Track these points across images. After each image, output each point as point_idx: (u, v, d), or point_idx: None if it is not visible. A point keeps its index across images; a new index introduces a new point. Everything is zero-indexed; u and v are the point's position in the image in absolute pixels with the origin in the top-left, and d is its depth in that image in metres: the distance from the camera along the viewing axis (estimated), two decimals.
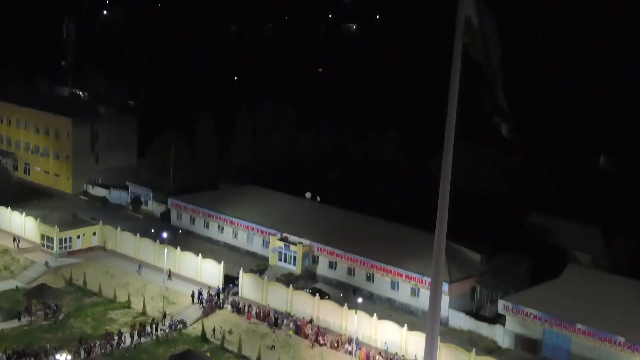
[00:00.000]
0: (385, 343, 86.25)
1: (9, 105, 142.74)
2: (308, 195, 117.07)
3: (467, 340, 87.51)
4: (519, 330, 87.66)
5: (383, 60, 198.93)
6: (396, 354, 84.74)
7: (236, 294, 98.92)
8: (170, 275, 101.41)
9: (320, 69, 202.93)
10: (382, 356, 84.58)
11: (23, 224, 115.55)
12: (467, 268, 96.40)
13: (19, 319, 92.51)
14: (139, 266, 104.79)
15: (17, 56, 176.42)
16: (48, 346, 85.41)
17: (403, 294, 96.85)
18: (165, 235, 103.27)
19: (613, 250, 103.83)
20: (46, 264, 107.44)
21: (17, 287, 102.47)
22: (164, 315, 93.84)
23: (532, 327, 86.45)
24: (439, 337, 69.05)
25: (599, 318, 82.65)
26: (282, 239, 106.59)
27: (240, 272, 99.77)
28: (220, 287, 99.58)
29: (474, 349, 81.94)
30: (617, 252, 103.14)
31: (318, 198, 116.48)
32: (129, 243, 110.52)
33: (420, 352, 68.00)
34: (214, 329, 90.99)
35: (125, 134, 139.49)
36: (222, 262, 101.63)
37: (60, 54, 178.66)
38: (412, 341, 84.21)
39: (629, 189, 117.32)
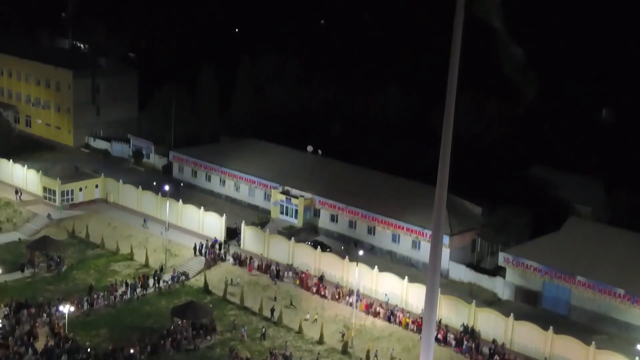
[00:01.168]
0: (386, 295, 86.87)
1: (10, 58, 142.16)
2: (310, 148, 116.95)
3: (467, 292, 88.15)
4: (519, 283, 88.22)
5: (386, 13, 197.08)
6: (397, 305, 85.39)
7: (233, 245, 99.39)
8: (167, 227, 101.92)
9: (322, 21, 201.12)
10: (382, 308, 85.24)
11: (25, 177, 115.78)
12: (467, 221, 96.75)
13: (22, 271, 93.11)
14: (145, 220, 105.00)
15: (17, 8, 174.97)
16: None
17: (404, 247, 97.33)
18: (167, 188, 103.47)
19: (614, 203, 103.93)
20: (48, 216, 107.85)
21: (19, 239, 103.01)
22: (161, 269, 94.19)
23: (532, 279, 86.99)
24: (439, 289, 69.87)
25: (599, 270, 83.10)
26: (283, 192, 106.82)
27: (242, 224, 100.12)
28: (217, 239, 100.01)
29: (474, 301, 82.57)
30: (618, 204, 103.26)
31: (320, 151, 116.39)
32: (131, 196, 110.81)
33: (421, 304, 68.50)
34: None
35: (126, 86, 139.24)
36: (224, 215, 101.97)
37: (60, 5, 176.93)
38: (413, 293, 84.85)
39: (631, 142, 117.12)
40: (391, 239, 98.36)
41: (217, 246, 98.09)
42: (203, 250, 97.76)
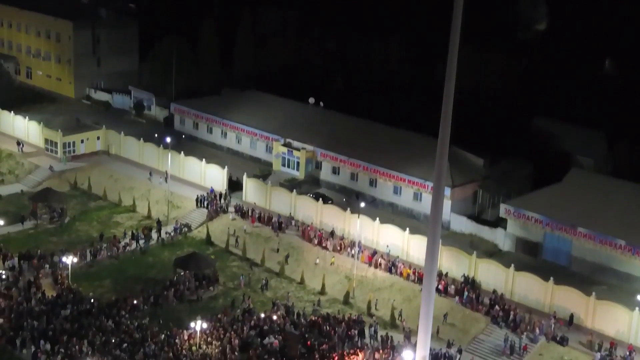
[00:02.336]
0: (388, 246, 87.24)
1: (10, 9, 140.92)
2: (311, 100, 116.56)
3: (468, 244, 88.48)
4: (520, 234, 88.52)
5: None
6: (398, 257, 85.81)
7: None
8: (167, 177, 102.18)
9: None
10: (384, 259, 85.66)
11: (26, 128, 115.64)
12: (469, 172, 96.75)
13: (22, 223, 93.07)
14: (150, 173, 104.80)
15: None
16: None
17: (405, 199, 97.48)
18: (168, 140, 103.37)
19: (616, 155, 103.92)
20: (50, 168, 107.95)
21: (22, 191, 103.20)
22: (158, 221, 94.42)
23: (533, 230, 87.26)
24: (440, 241, 70.01)
25: (600, 221, 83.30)
26: (285, 145, 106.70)
27: (244, 177, 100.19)
28: (213, 188, 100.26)
29: (474, 252, 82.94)
30: (620, 156, 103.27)
31: (321, 103, 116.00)
32: (132, 148, 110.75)
33: (422, 255, 68.68)
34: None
35: (126, 37, 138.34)
36: (226, 167, 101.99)
37: None
38: (414, 244, 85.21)
39: (634, 93, 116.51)
40: (393, 191, 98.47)
41: (218, 197, 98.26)
42: (205, 202, 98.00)
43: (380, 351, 69.48)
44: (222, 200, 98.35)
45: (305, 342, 70.56)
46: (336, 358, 67.99)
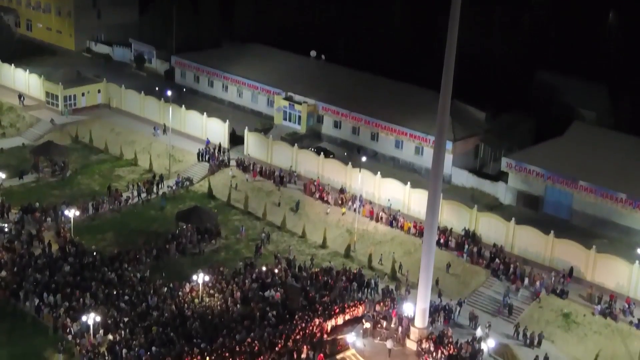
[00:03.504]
0: (389, 200, 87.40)
1: None
2: (313, 53, 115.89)
3: (469, 197, 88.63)
4: (521, 187, 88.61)
5: None
6: (399, 211, 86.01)
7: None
8: (165, 129, 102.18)
9: None
10: (385, 213, 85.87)
11: (27, 81, 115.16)
12: (471, 126, 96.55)
13: (20, 178, 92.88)
14: (154, 128, 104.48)
15: None
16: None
17: (407, 153, 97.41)
18: (169, 93, 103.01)
19: (618, 108, 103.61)
20: (52, 121, 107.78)
21: (23, 144, 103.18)
22: (156, 176, 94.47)
23: (534, 184, 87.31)
24: (441, 194, 70.10)
25: (601, 175, 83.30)
26: (286, 98, 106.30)
27: (245, 131, 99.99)
28: (209, 140, 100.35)
29: (475, 206, 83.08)
30: (622, 109, 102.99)
31: (323, 57, 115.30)
32: (133, 101, 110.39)
33: (423, 209, 68.96)
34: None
35: None
36: (227, 120, 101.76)
37: None
38: (415, 198, 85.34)
39: (636, 46, 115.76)
40: (394, 145, 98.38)
41: (217, 150, 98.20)
42: (207, 156, 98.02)
43: (381, 303, 69.98)
44: (220, 153, 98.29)
45: (306, 294, 71.07)
46: (337, 310, 68.51)
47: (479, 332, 67.00)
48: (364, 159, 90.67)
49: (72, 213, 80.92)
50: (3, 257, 74.66)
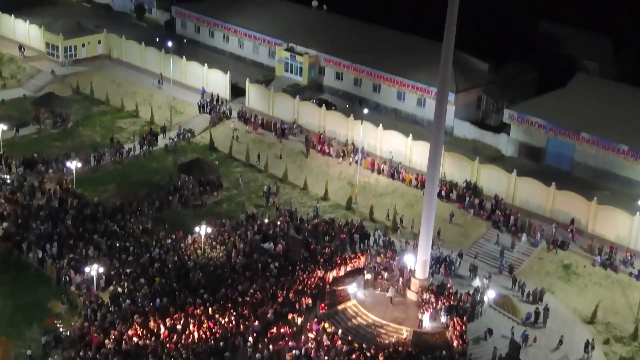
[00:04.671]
0: (390, 152, 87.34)
1: None
2: (315, 3, 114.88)
3: (471, 149, 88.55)
4: (523, 139, 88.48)
5: None
6: (400, 163, 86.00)
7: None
8: (162, 79, 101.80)
9: None
10: (386, 165, 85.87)
11: (27, 32, 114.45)
12: (473, 77, 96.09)
13: (17, 131, 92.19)
14: (159, 82, 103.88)
15: None
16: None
17: (409, 105, 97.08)
18: (170, 44, 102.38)
19: (622, 59, 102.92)
20: (52, 72, 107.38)
21: (24, 95, 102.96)
22: (152, 129, 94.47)
23: (536, 135, 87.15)
24: (443, 146, 70.00)
25: (603, 127, 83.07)
26: (288, 49, 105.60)
27: (247, 82, 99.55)
28: (204, 89, 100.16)
29: (477, 157, 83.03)
30: (625, 61, 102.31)
31: (325, 7, 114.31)
32: (134, 52, 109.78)
33: (425, 161, 68.94)
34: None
35: None
36: (228, 72, 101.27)
37: None
38: (417, 150, 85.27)
39: None
40: (396, 97, 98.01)
41: (214, 100, 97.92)
42: (208, 108, 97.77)
43: (382, 255, 70.33)
44: (218, 103, 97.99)
45: (308, 246, 71.40)
46: (338, 262, 68.88)
47: (476, 282, 67.38)
48: (365, 111, 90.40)
49: (73, 165, 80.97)
50: (6, 208, 74.90)
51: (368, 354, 58.14)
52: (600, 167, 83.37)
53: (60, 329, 60.82)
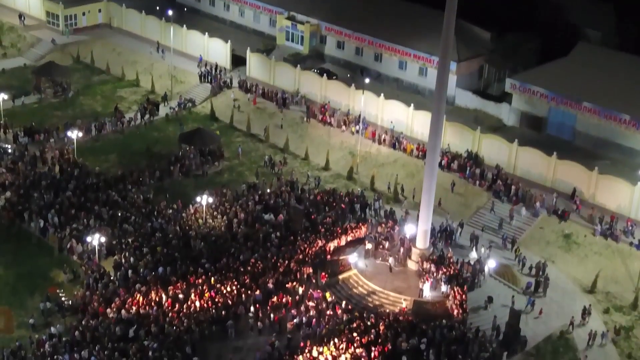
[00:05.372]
0: (392, 122, 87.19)
1: None
2: None
3: (472, 119, 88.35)
4: (524, 108, 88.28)
5: None
6: (402, 132, 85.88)
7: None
8: (158, 47, 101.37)
9: None
10: (388, 135, 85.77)
11: (27, 1, 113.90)
12: (475, 46, 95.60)
13: (13, 101, 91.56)
14: (162, 51, 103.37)
15: None
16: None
17: (411, 74, 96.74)
18: (170, 12, 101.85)
19: (624, 28, 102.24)
20: (53, 41, 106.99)
21: (25, 64, 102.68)
22: (150, 99, 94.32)
23: (538, 105, 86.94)
24: (444, 116, 69.90)
25: (605, 96, 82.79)
26: (289, 18, 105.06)
27: (248, 51, 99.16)
28: (201, 56, 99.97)
29: (479, 127, 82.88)
30: (628, 30, 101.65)
31: None
32: (134, 20, 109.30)
33: (426, 131, 68.81)
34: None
35: None
36: (229, 41, 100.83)
37: None
38: (418, 120, 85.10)
39: None
40: (398, 66, 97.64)
41: (213, 68, 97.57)
42: (209, 77, 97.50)
43: (383, 225, 70.46)
44: (216, 71, 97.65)
45: (309, 216, 71.51)
46: (339, 232, 69.03)
47: (473, 254, 67.52)
48: (367, 80, 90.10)
49: (75, 134, 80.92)
50: (7, 178, 74.97)
51: (368, 323, 58.44)
52: (601, 137, 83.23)
53: (63, 298, 61.12)
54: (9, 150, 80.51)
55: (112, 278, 62.75)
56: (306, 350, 55.38)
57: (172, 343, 55.71)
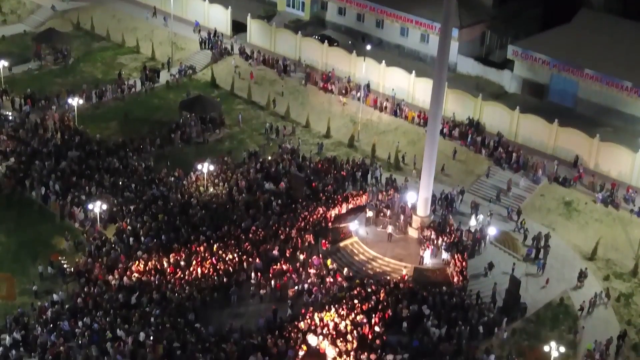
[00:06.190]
0: (393, 90, 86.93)
1: None
2: None
3: (474, 86, 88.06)
4: (526, 75, 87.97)
5: None
6: (403, 100, 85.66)
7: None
8: (155, 13, 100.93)
9: None
10: (389, 102, 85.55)
11: None
12: (477, 13, 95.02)
13: (9, 70, 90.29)
14: (164, 18, 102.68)
15: None
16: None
17: (412, 40, 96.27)
18: None
19: None
20: (52, 7, 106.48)
21: (24, 31, 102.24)
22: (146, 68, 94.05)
23: (540, 71, 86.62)
24: (446, 83, 69.60)
25: (607, 63, 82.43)
26: None
27: (248, 18, 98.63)
28: (198, 22, 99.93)
29: (480, 95, 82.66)
30: None
31: None
32: None
33: (428, 98, 68.60)
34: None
35: None
36: (230, 7, 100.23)
37: None
38: (420, 87, 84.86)
39: None
40: (399, 33, 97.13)
41: (213, 35, 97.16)
42: (209, 44, 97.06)
43: (384, 193, 70.53)
44: (215, 37, 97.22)
45: (310, 184, 71.55)
46: (340, 199, 69.10)
47: (472, 222, 67.57)
48: (368, 47, 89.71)
49: (75, 101, 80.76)
50: (8, 145, 74.96)
51: (369, 290, 58.72)
52: (603, 104, 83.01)
53: (65, 265, 61.36)
54: (10, 118, 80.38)
55: (113, 245, 62.95)
56: (307, 317, 55.70)
57: (174, 310, 56.06)
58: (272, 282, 60.04)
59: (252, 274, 60.46)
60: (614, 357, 56.31)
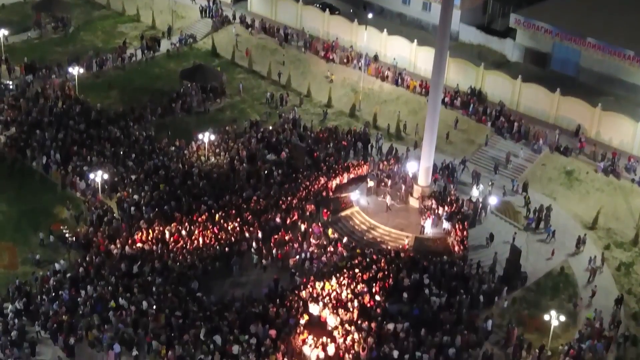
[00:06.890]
0: (395, 59, 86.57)
1: None
2: None
3: (476, 55, 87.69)
4: (528, 44, 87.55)
5: None
6: (405, 69, 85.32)
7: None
8: None
9: None
10: (391, 71, 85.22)
11: None
12: None
13: (7, 39, 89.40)
14: None
15: None
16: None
17: (414, 9, 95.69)
18: None
19: None
20: None
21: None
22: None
23: (542, 40, 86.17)
24: (448, 52, 69.17)
25: (609, 32, 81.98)
26: None
27: None
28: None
29: (482, 63, 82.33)
30: None
31: None
32: None
33: (429, 67, 68.33)
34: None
35: None
36: None
37: None
38: (422, 56, 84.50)
39: None
40: (401, 1, 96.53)
41: (213, 2, 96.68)
42: (210, 13, 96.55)
43: (385, 162, 70.49)
44: (215, 5, 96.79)
45: (311, 153, 71.48)
46: (341, 169, 69.08)
47: (474, 192, 67.54)
48: (370, 15, 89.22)
49: (76, 70, 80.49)
50: (9, 114, 74.82)
51: (370, 259, 58.86)
52: (605, 73, 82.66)
53: (66, 234, 61.47)
54: (11, 87, 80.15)
55: (115, 215, 63.03)
56: (308, 286, 55.89)
57: (176, 279, 56.25)
58: (274, 251, 60.17)
59: (254, 244, 60.56)
60: (611, 321, 56.42)
